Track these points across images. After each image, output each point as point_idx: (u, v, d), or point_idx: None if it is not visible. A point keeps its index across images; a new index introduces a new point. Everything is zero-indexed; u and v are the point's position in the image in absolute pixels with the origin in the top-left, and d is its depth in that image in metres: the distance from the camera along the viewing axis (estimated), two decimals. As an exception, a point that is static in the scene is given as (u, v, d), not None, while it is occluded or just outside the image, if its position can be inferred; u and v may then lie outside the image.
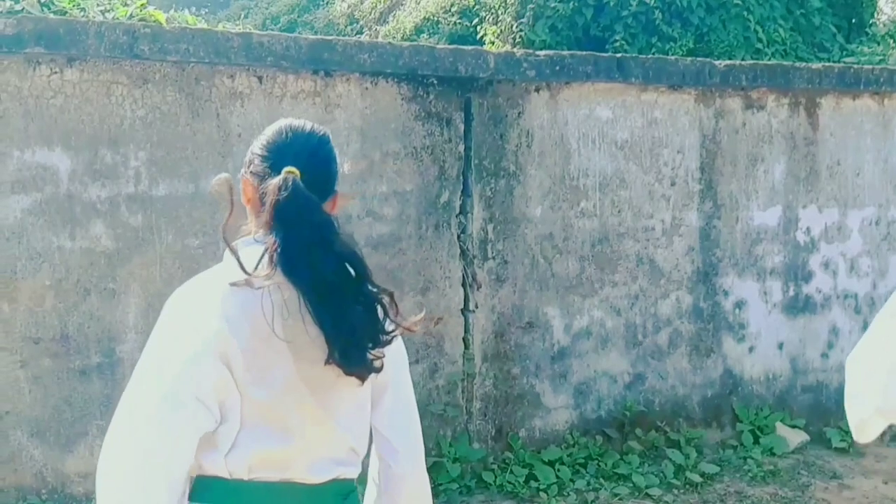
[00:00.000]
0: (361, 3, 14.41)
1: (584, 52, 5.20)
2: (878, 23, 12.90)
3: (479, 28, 11.14)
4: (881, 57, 10.68)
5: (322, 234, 1.79)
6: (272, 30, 13.61)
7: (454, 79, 4.57)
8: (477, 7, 11.26)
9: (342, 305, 1.85)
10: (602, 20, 9.93)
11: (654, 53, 9.08)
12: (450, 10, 12.06)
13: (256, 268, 1.74)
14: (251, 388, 1.80)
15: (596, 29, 9.95)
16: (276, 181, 1.78)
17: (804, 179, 5.53)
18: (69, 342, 3.96)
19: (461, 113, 4.65)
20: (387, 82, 4.47)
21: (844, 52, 11.09)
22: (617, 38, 9.85)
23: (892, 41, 11.37)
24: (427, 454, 4.58)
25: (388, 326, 1.98)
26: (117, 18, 4.10)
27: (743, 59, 9.10)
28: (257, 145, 1.92)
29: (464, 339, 4.74)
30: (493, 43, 9.91)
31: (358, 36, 13.39)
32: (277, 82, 4.23)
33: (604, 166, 5.00)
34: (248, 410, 1.81)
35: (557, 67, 4.74)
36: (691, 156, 5.21)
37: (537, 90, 4.81)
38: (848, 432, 5.56)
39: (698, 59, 5.27)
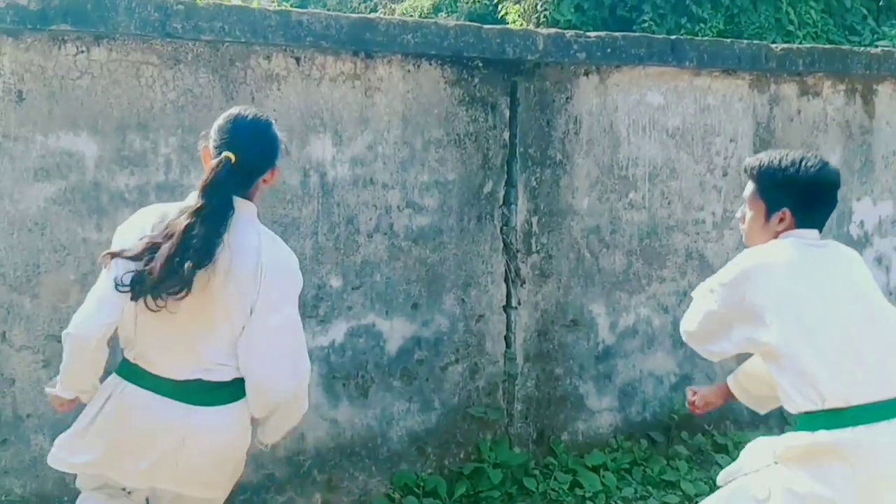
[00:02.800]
0: (376, -20, 14.12)
1: (635, 34, 4.93)
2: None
3: (499, 7, 10.85)
4: (913, 40, 10.40)
5: (217, 211, 2.60)
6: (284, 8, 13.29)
7: (500, 61, 4.30)
8: (499, -15, 10.99)
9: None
10: (629, 0, 9.65)
11: (683, 34, 8.78)
12: (469, -12, 11.79)
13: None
14: None
15: (623, 9, 9.68)
16: (214, 162, 2.64)
17: (859, 170, 5.27)
18: (94, 340, 3.70)
19: (507, 98, 4.38)
20: (430, 65, 4.20)
21: (876, 35, 10.80)
22: (645, 18, 9.58)
23: (923, 24, 11.07)
24: (467, 459, 4.38)
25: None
26: (147, -7, 3.82)
27: (774, 42, 8.81)
28: (215, 126, 2.73)
29: (505, 337, 4.49)
30: (515, 22, 9.63)
31: (372, 14, 13.08)
32: (316, 64, 3.96)
33: (654, 155, 4.73)
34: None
35: (609, 50, 4.46)
36: (744, 144, 4.94)
37: (586, 74, 4.54)
38: None
39: (754, 42, 5.00)
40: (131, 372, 2.72)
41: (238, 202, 2.67)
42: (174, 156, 3.76)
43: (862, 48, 5.52)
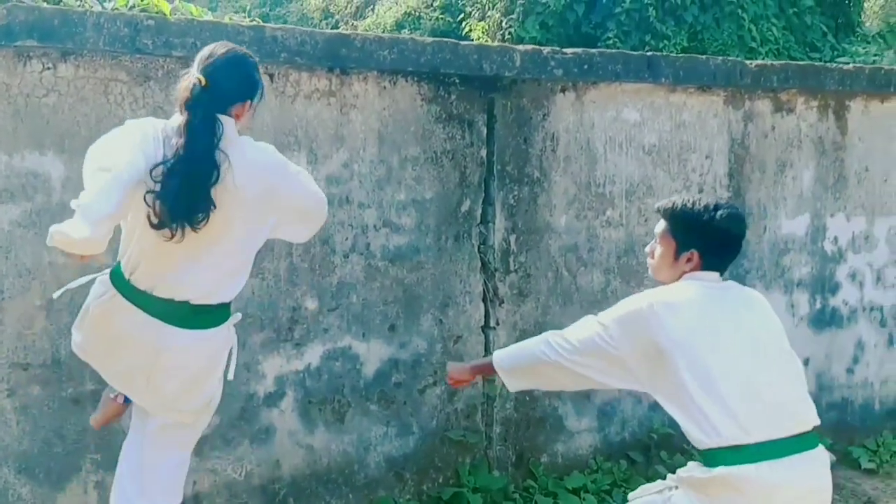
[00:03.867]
0: (337, -2, 14.03)
1: (612, 51, 4.90)
2: (865, 23, 12.76)
3: (463, 24, 10.82)
4: (875, 56, 10.53)
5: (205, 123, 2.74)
6: (244, 23, 13.15)
7: (477, 78, 4.23)
8: (462, 2, 10.94)
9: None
10: (594, 17, 9.66)
11: (647, 51, 8.80)
12: (431, 6, 11.72)
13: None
14: None
15: (587, 26, 9.68)
16: (186, 82, 2.80)
17: (832, 186, 5.26)
18: (61, 368, 3.56)
19: (484, 115, 4.31)
20: (406, 81, 4.11)
21: (836, 52, 10.92)
22: (609, 35, 9.59)
23: (882, 41, 11.23)
24: (445, 484, 4.28)
25: None
26: (116, 8, 3.71)
27: (737, 58, 8.86)
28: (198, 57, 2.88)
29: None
30: (480, 39, 9.58)
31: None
32: (290, 80, 3.86)
33: (631, 172, 4.68)
34: None
35: (585, 66, 4.41)
36: (720, 161, 4.92)
37: (563, 91, 4.48)
38: (875, 452, 5.34)
39: (729, 58, 4.99)
40: (122, 284, 2.89)
41: (223, 119, 2.82)
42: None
43: (834, 65, 5.54)
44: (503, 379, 3.14)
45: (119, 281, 2.91)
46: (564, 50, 4.43)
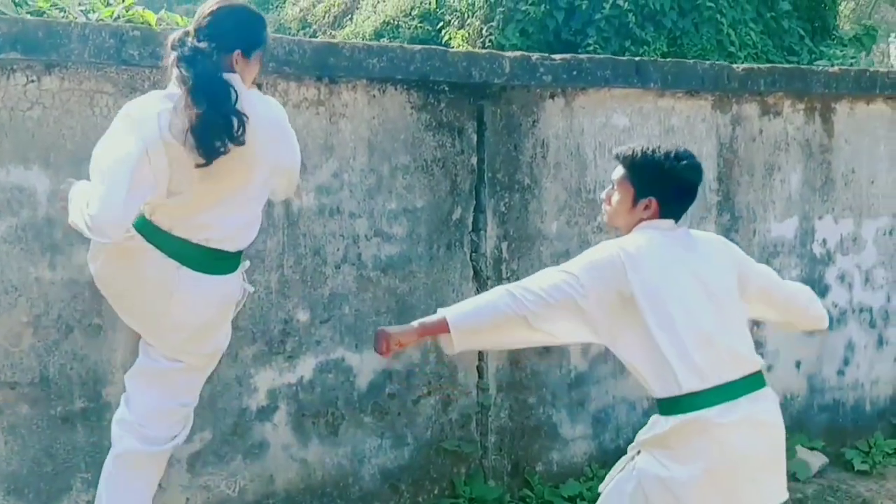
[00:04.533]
0: (314, 7, 13.95)
1: (601, 56, 4.88)
2: (840, 26, 12.85)
3: (442, 32, 10.79)
4: (852, 59, 10.59)
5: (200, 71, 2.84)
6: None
7: (466, 85, 4.20)
8: (441, 11, 10.92)
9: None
10: (574, 24, 9.66)
11: (627, 57, 8.82)
12: (410, 14, 11.69)
13: None
14: None
15: (568, 33, 9.68)
16: (178, 32, 2.99)
17: (820, 189, 5.27)
18: (49, 386, 3.49)
19: (474, 122, 4.27)
20: (395, 90, 4.07)
21: (813, 55, 10.97)
22: (590, 41, 9.59)
23: (859, 44, 11.30)
24: (441, 495, 4.23)
25: None
26: (101, 19, 3.64)
27: (723, 62, 8.88)
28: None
29: (478, 367, 4.37)
30: (461, 47, 9.56)
31: (322, 39, 12.90)
32: (278, 90, 3.81)
33: (621, 178, 4.65)
34: None
35: (574, 72, 4.39)
36: (709, 165, 4.89)
37: (552, 97, 4.45)
38: (868, 453, 5.34)
39: (716, 62, 4.98)
40: (142, 223, 2.98)
41: (227, 76, 2.91)
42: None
43: (820, 67, 5.55)
44: (454, 339, 2.87)
45: (139, 221, 2.96)
46: (553, 56, 4.40)
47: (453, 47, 10.13)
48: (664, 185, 2.99)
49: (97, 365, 3.56)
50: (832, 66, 10.00)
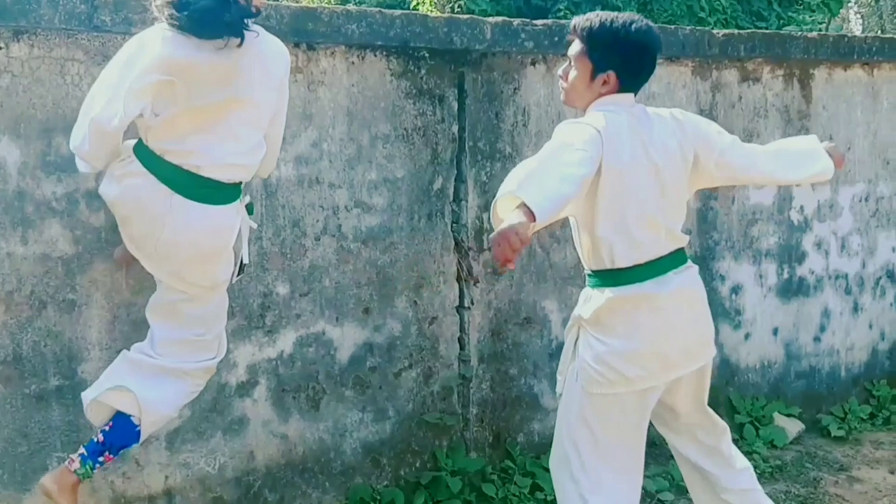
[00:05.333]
0: (278, -31, 13.69)
1: (582, 22, 4.77)
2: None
3: (411, -4, 10.63)
4: (820, 25, 10.58)
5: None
6: None
7: (447, 52, 4.10)
8: (409, -26, 10.75)
9: None
10: (545, -12, 9.55)
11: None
12: (377, -23, 11.49)
13: None
14: None
15: (538, -2, 9.57)
16: None
17: (798, 155, 5.23)
18: (23, 364, 3.39)
19: (454, 90, 4.19)
20: (375, 56, 3.97)
21: (781, 21, 10.96)
22: (560, 7, 9.49)
23: (826, 9, 11.30)
24: (423, 468, 4.19)
25: None
26: (71, -17, 3.49)
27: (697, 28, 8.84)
28: None
29: (459, 339, 4.31)
30: (431, 12, 9.41)
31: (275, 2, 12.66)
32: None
33: (602, 146, 4.59)
34: None
35: (556, 38, 4.30)
36: (688, 133, 4.85)
37: (533, 63, 4.37)
38: (843, 419, 5.38)
39: (697, 28, 4.91)
40: (139, 147, 3.02)
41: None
42: (105, 160, 3.45)
43: (799, 32, 5.51)
44: (536, 226, 2.60)
45: (137, 144, 3.03)
46: (535, 22, 4.32)
47: (422, 13, 9.98)
48: (624, 56, 2.94)
49: (72, 342, 3.46)
50: (801, 31, 10.01)
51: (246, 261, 3.26)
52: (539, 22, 4.33)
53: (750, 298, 5.15)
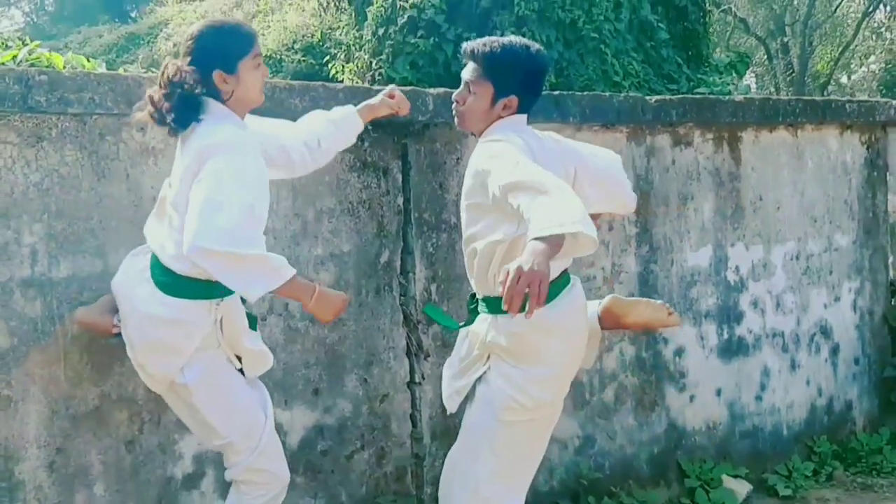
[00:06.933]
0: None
1: (521, 91, 4.78)
2: (716, 55, 13.26)
3: (328, 66, 10.61)
4: (731, 86, 10.92)
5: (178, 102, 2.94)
6: (91, 71, 12.42)
7: (390, 123, 4.04)
8: (326, 45, 10.73)
9: None
10: (462, 57, 9.63)
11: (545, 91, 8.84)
12: (292, 48, 11.46)
13: None
14: None
15: (458, 65, 9.61)
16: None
17: (731, 217, 5.32)
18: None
19: (398, 161, 4.13)
20: (318, 130, 3.89)
21: (692, 83, 11.28)
22: (480, 73, 9.54)
23: (733, 70, 11.67)
24: (378, 554, 4.01)
25: None
26: (3, 63, 3.35)
27: (603, 92, 9.00)
28: None
29: (411, 416, 4.19)
30: (352, 81, 9.41)
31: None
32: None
33: (544, 214, 4.58)
34: None
35: (497, 108, 4.29)
36: (627, 198, 4.88)
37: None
38: (789, 477, 5.39)
39: (630, 95, 4.98)
40: None
41: (207, 101, 2.90)
42: (40, 245, 3.27)
43: (727, 97, 5.63)
44: None
45: None
46: (475, 91, 4.30)
47: (342, 82, 9.97)
48: (526, 79, 2.96)
49: (8, 440, 3.23)
50: (711, 92, 10.29)
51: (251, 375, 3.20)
52: (479, 92, 4.32)
53: (693, 360, 5.16)
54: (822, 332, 5.75)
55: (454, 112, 3.12)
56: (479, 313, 3.25)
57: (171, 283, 2.93)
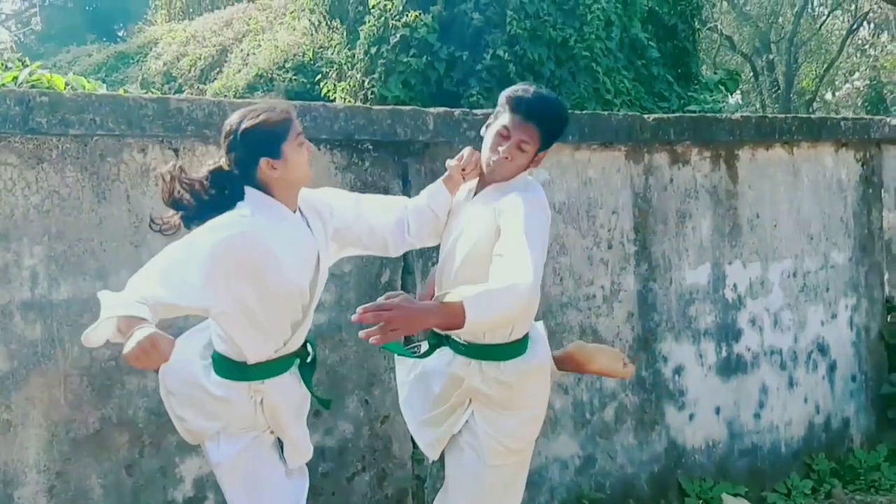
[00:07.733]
0: (178, 61, 13.53)
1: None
2: (704, 72, 13.32)
3: (320, 85, 10.61)
4: (721, 104, 10.96)
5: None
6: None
7: (391, 143, 4.04)
8: (318, 63, 10.73)
9: None
10: (455, 75, 9.65)
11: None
12: (283, 67, 11.46)
13: None
14: None
15: (450, 84, 9.66)
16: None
17: (728, 235, 5.32)
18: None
19: (399, 181, 4.12)
20: (319, 150, 3.87)
21: (682, 101, 11.32)
22: (472, 92, 9.59)
23: (724, 88, 11.72)
24: (380, 576, 3.97)
25: None
26: (3, 85, 3.32)
27: (594, 110, 9.01)
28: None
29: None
30: (345, 100, 9.41)
31: (178, 95, 12.49)
32: (197, 155, 3.56)
33: (544, 232, 4.57)
34: None
35: (496, 127, 4.28)
36: (625, 215, 4.88)
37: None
38: (788, 495, 5.38)
39: (629, 113, 4.98)
40: None
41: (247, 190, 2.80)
42: (41, 267, 3.24)
43: (723, 115, 5.65)
44: None
45: None
46: (475, 111, 4.30)
47: (334, 100, 9.97)
48: (558, 133, 2.99)
49: (7, 464, 3.20)
50: (702, 110, 10.34)
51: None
52: (479, 112, 4.31)
53: (692, 378, 5.15)
54: (820, 350, 5.75)
55: (490, 162, 2.96)
56: (438, 348, 3.19)
57: (216, 361, 2.87)
